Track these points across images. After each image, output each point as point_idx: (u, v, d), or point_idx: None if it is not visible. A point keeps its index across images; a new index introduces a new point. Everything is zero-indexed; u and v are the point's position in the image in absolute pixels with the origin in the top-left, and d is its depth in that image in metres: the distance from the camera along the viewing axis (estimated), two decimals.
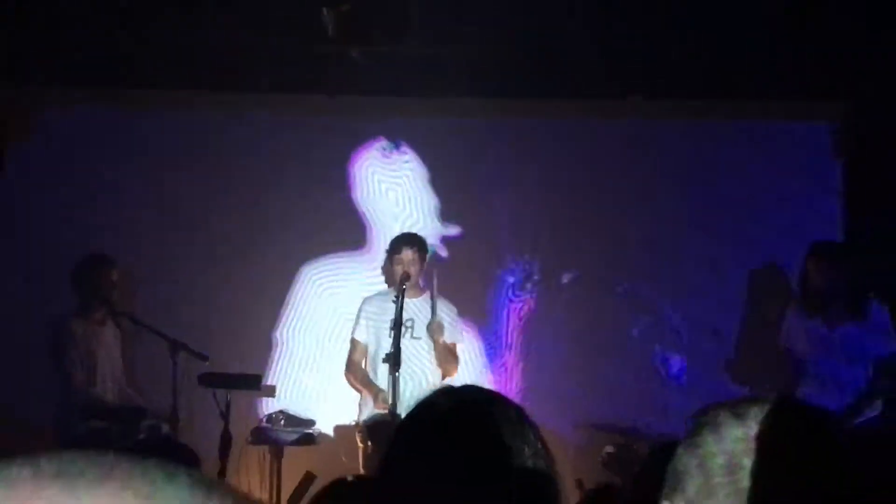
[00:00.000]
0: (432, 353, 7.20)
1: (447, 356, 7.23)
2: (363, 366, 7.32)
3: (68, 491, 0.89)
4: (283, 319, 8.18)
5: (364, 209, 8.24)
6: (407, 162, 8.33)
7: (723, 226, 8.23)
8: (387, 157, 8.32)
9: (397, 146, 8.33)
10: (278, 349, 8.13)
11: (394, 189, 8.26)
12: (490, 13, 7.46)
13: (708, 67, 7.95)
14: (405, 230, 7.63)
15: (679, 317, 7.97)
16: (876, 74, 7.64)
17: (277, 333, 8.14)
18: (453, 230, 8.24)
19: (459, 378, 7.27)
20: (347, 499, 2.63)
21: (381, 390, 6.98)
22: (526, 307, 8.25)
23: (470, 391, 2.14)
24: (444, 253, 8.12)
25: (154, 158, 8.17)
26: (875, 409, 7.00)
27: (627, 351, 8.07)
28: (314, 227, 8.15)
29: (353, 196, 8.26)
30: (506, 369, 8.19)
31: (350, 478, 2.93)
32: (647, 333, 8.02)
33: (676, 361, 7.87)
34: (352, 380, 7.36)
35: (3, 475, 0.88)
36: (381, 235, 8.00)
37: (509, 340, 8.23)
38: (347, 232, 8.21)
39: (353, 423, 7.26)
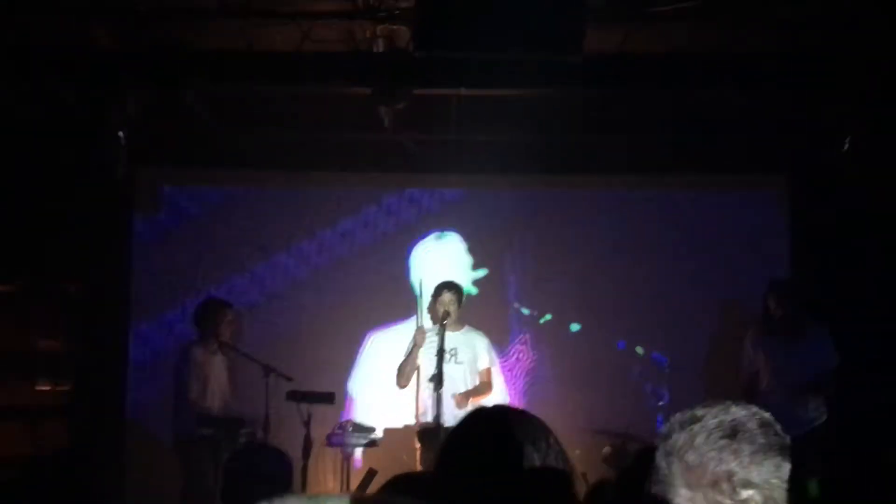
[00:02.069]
0: (470, 375, 7.24)
1: (483, 383, 7.27)
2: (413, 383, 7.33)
3: None
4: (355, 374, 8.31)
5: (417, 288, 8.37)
6: (452, 243, 8.41)
7: (697, 278, 8.24)
8: (437, 244, 8.43)
9: (444, 233, 8.42)
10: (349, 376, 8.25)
11: (442, 266, 8.23)
12: (509, 108, 7.59)
13: (681, 151, 8.02)
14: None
15: (665, 359, 7.95)
16: (811, 149, 7.68)
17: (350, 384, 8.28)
18: (482, 277, 8.33)
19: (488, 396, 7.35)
20: (407, 490, 2.67)
21: (427, 406, 7.01)
22: (538, 341, 8.31)
23: (503, 408, 2.20)
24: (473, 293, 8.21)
25: (258, 227, 8.33)
26: (822, 416, 6.98)
27: (625, 386, 8.05)
28: (379, 300, 8.25)
29: (410, 277, 8.33)
30: (522, 389, 8.24)
31: (407, 474, 2.96)
32: (641, 374, 8.02)
33: (664, 393, 7.84)
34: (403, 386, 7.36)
35: None
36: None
37: (525, 367, 8.29)
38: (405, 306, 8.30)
39: (410, 426, 7.28)
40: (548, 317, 8.31)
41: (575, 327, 8.27)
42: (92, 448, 7.84)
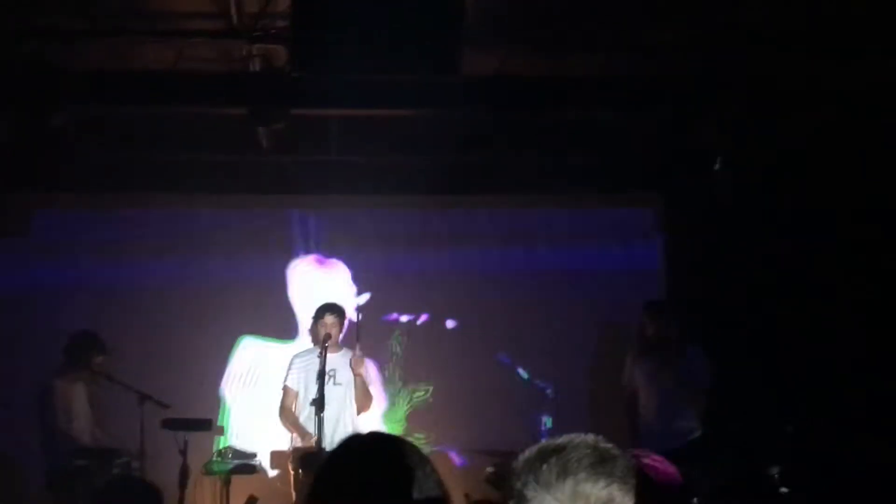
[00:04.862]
0: (350, 397, 7.17)
1: (365, 394, 7.21)
2: (293, 409, 7.24)
3: None
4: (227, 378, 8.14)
5: (296, 306, 8.26)
6: (336, 269, 8.35)
7: (578, 298, 8.32)
8: (319, 265, 8.35)
9: (328, 259, 8.35)
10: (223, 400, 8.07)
11: (323, 290, 8.17)
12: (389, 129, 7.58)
13: (561, 171, 8.11)
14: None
15: (549, 386, 7.99)
16: (684, 168, 7.84)
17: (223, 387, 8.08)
18: (362, 299, 8.28)
19: (367, 414, 7.29)
20: None
21: (307, 432, 6.94)
22: (414, 355, 8.29)
23: (377, 435, 2.16)
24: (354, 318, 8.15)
25: (124, 249, 8.12)
26: (696, 431, 7.10)
27: (509, 407, 8.01)
28: (255, 315, 8.16)
29: (289, 294, 8.29)
30: (399, 405, 8.22)
31: None
32: (524, 398, 8.03)
33: (547, 418, 7.85)
34: (284, 421, 7.26)
35: None
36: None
37: (401, 381, 8.27)
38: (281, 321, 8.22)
39: (287, 451, 7.18)
40: (425, 318, 8.30)
41: (451, 324, 8.26)
42: None
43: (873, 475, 6.78)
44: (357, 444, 2.05)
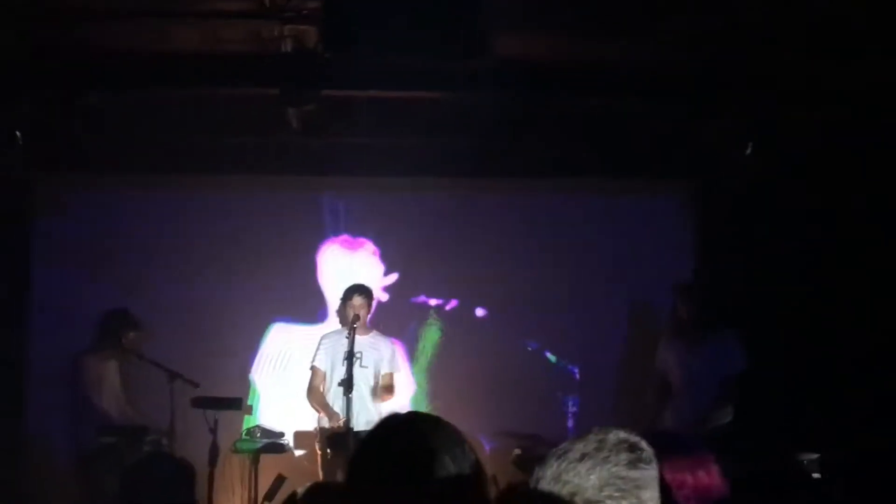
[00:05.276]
0: (374, 379, 7.21)
1: (385, 386, 7.25)
2: (321, 389, 7.29)
3: None
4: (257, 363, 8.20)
5: (325, 287, 8.28)
6: (364, 249, 8.36)
7: (608, 283, 8.29)
8: (348, 247, 8.37)
9: (356, 238, 8.36)
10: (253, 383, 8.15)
11: (352, 272, 8.15)
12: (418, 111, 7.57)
13: (591, 155, 8.08)
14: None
15: (575, 368, 7.99)
16: (716, 158, 7.80)
17: (253, 372, 8.16)
18: (390, 279, 8.29)
19: (396, 396, 7.31)
20: (321, 501, 2.62)
21: (334, 412, 6.99)
22: (444, 338, 8.31)
23: (415, 415, 2.16)
24: (384, 298, 8.17)
25: (155, 229, 8.17)
26: (727, 416, 7.08)
27: (535, 389, 8.03)
28: (285, 300, 8.18)
29: (318, 275, 8.30)
30: (432, 389, 8.24)
31: (320, 484, 2.91)
32: (551, 380, 8.05)
33: (575, 399, 7.86)
34: (312, 401, 7.31)
35: None
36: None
37: (431, 364, 8.29)
38: (310, 304, 8.23)
39: (313, 431, 7.23)
40: (454, 303, 8.30)
41: (481, 312, 8.26)
42: None
43: None
44: (395, 424, 2.06)
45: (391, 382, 7.31)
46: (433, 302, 8.31)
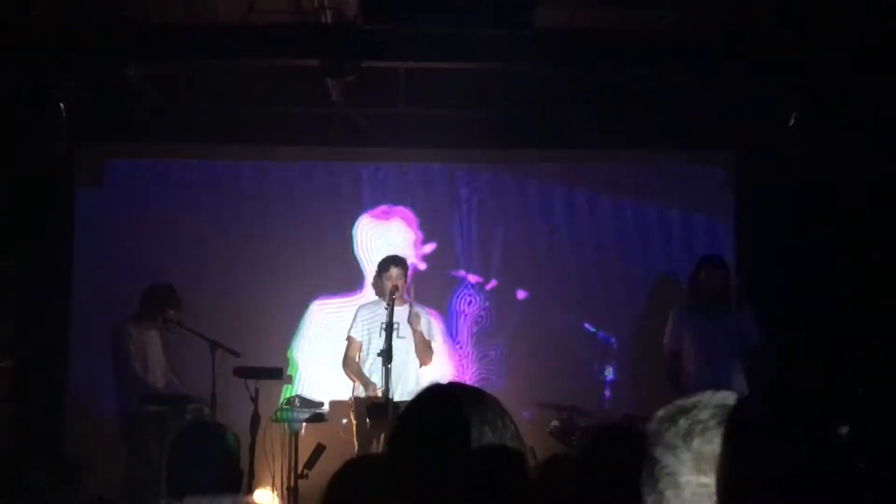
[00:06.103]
0: (412, 350, 7.24)
1: (424, 348, 7.26)
2: (357, 360, 7.33)
3: None
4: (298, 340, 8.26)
5: (362, 260, 8.30)
6: (401, 218, 8.37)
7: (645, 255, 8.27)
8: (384, 218, 8.38)
9: (393, 208, 8.37)
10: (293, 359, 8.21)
11: (388, 243, 8.22)
12: (457, 82, 7.54)
13: (629, 126, 8.01)
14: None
15: (612, 338, 7.96)
16: (758, 130, 7.72)
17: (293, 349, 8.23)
18: (428, 248, 8.31)
19: (431, 367, 7.34)
20: (362, 473, 2.61)
21: (371, 382, 7.04)
22: (483, 313, 8.31)
23: (457, 386, 2.15)
24: (421, 267, 8.20)
25: (193, 202, 8.24)
26: (746, 392, 7.03)
27: (572, 360, 8.05)
28: (324, 272, 8.22)
29: (355, 246, 8.33)
30: (467, 361, 8.25)
31: (362, 457, 2.90)
32: (588, 350, 8.03)
33: (611, 369, 7.85)
34: (348, 371, 7.35)
35: None
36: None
37: (469, 338, 8.30)
38: (349, 275, 8.26)
39: (349, 401, 7.28)
40: (494, 283, 8.30)
41: (521, 295, 8.26)
42: (33, 432, 7.72)
43: None
44: (437, 393, 2.05)
45: (430, 348, 7.34)
46: (472, 276, 8.32)
